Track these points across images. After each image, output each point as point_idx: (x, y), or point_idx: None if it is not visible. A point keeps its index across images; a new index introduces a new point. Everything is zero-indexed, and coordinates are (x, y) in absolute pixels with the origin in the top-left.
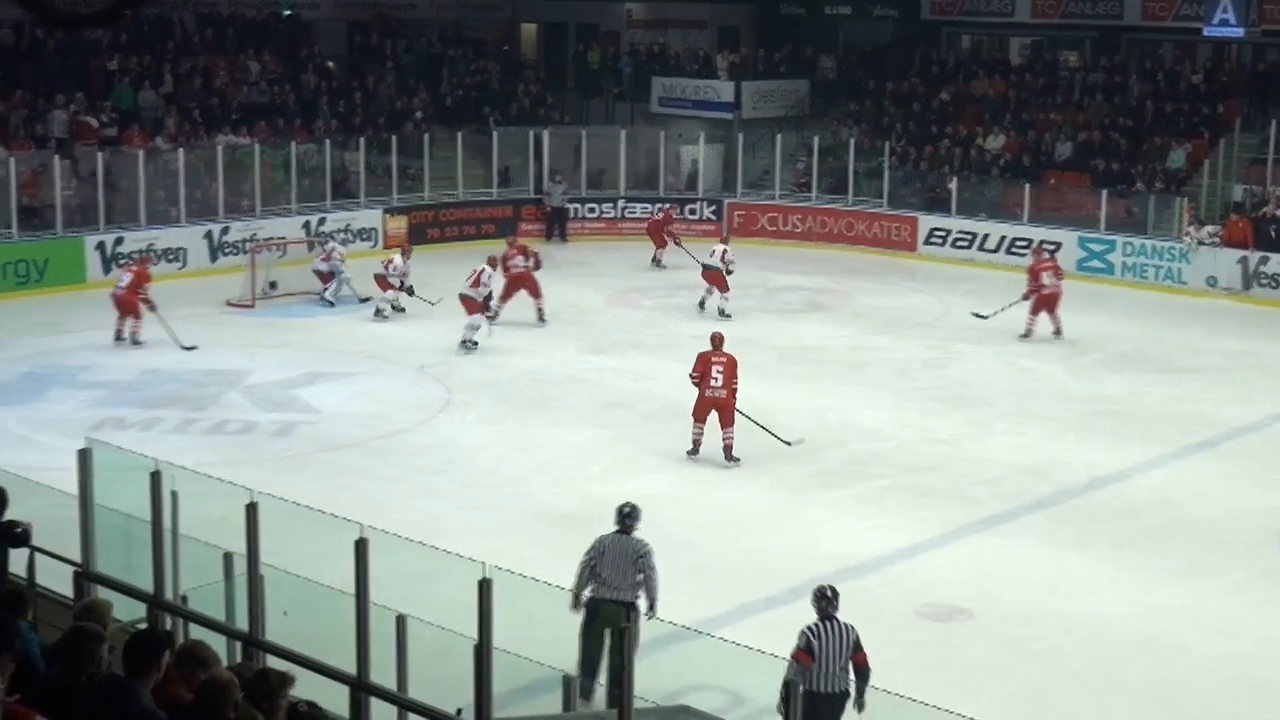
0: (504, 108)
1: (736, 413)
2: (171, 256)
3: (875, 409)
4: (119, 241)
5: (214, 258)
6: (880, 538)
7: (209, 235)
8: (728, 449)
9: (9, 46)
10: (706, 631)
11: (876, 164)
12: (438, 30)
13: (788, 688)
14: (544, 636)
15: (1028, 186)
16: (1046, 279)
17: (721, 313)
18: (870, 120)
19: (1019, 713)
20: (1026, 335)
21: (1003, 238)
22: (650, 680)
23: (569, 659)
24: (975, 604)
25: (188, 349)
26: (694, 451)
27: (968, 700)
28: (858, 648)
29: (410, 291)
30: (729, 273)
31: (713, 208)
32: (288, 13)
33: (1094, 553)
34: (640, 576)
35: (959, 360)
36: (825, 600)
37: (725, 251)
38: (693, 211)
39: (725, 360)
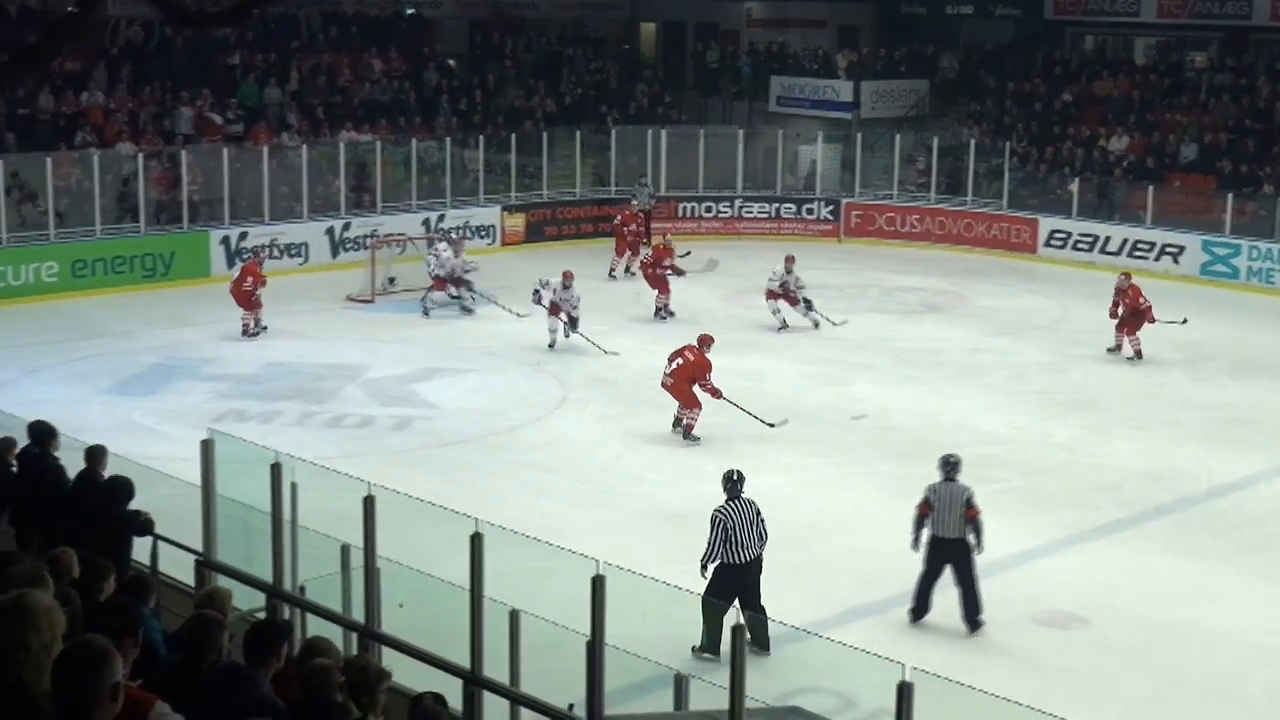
0: (622, 107)
1: (728, 402)
2: (294, 252)
3: (991, 412)
4: (243, 236)
5: (335, 253)
6: (996, 542)
7: (330, 231)
8: (684, 426)
9: (139, 44)
10: (817, 632)
11: (997, 165)
12: (558, 29)
13: (918, 532)
14: (656, 635)
15: (1151, 189)
16: (1143, 298)
17: (816, 324)
18: (991, 120)
19: None
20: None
21: (1125, 240)
22: (761, 680)
23: (681, 657)
24: (1093, 612)
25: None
26: (675, 426)
27: (1085, 709)
28: (969, 505)
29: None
30: (793, 291)
31: (830, 208)
32: (410, 11)
33: (1215, 561)
34: (759, 533)
35: (1078, 364)
36: (949, 466)
37: (782, 273)
38: (810, 211)
39: (691, 359)
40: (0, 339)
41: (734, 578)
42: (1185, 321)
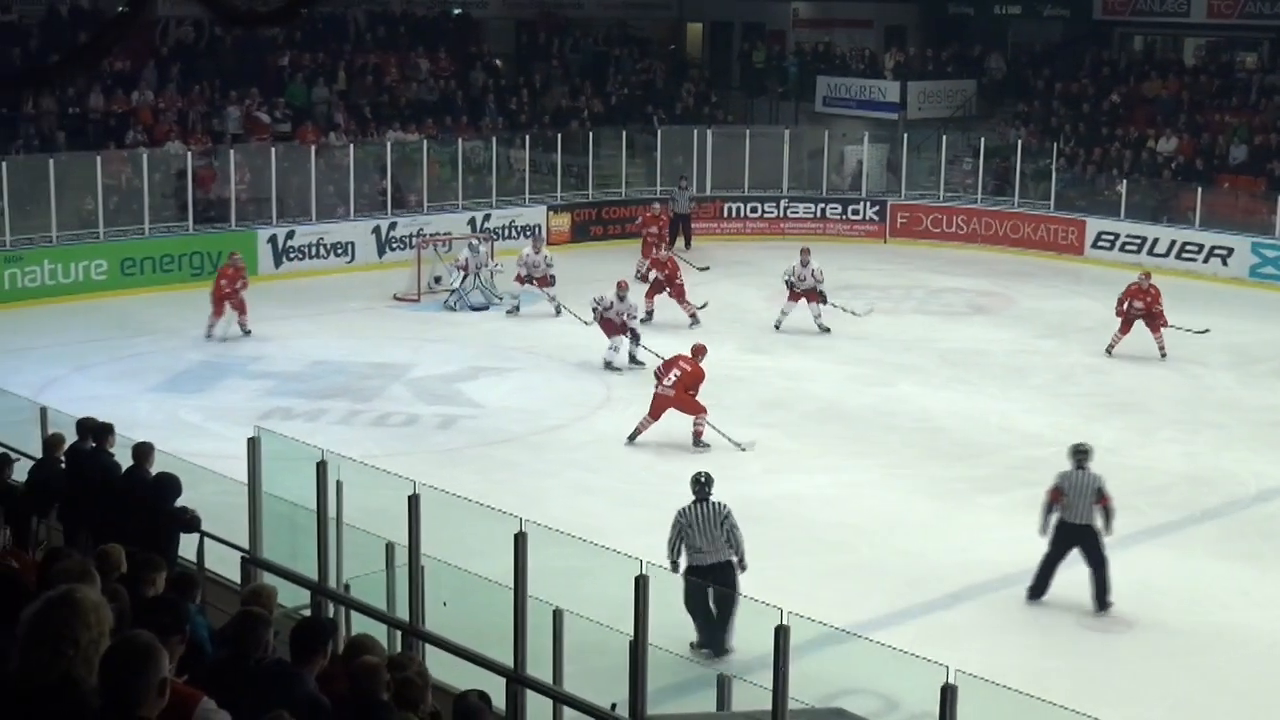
0: (669, 107)
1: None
2: (340, 251)
3: (1037, 414)
4: (290, 235)
5: (381, 252)
6: (1041, 545)
7: (376, 230)
8: (696, 435)
9: (188, 44)
10: (860, 634)
11: (1044, 166)
12: (604, 29)
13: (1047, 517)
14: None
15: (1200, 190)
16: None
17: (827, 330)
18: (1038, 121)
19: None
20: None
21: (1173, 242)
22: (804, 682)
23: (725, 657)
24: (1138, 615)
25: (247, 332)
26: (630, 438)
27: (1129, 712)
28: (1101, 494)
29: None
30: (814, 288)
31: (876, 208)
32: (457, 11)
33: (1262, 566)
34: (726, 537)
35: (1124, 366)
36: (1081, 454)
37: (798, 268)
38: (855, 212)
39: (688, 369)
40: (50, 336)
41: (701, 579)
42: (1207, 331)
